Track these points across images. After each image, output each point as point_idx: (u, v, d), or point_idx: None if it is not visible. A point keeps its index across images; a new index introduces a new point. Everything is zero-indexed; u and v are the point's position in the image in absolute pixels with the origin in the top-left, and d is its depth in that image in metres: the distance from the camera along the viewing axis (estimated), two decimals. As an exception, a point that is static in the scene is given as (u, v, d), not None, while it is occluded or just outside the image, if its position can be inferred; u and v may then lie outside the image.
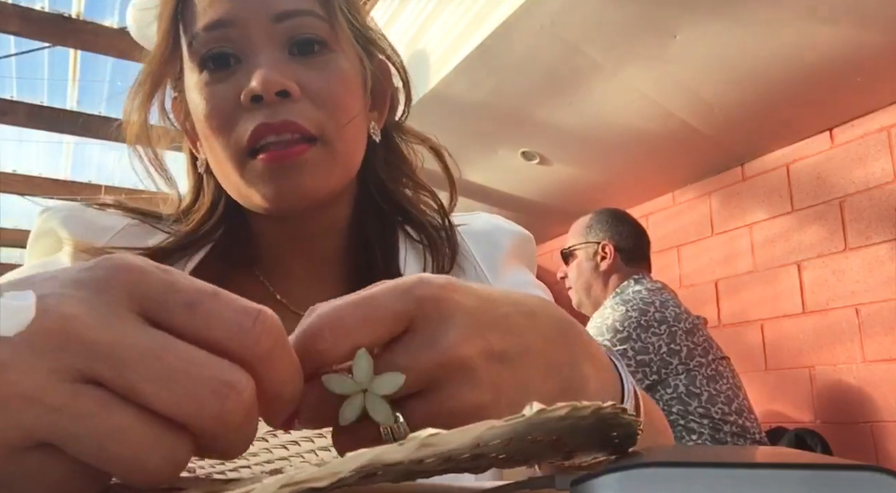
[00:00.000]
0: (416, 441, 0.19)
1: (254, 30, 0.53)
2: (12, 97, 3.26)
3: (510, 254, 0.66)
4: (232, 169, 0.54)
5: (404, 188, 0.65)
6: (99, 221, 0.59)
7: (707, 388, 1.74)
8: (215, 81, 0.54)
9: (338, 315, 0.26)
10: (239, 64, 0.54)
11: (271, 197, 0.53)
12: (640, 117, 2.29)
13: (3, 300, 0.18)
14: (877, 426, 2.13)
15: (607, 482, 0.19)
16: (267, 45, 0.53)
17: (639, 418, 0.38)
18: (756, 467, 0.19)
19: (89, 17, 2.75)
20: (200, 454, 0.24)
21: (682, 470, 0.19)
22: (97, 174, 4.17)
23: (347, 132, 0.55)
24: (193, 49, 0.55)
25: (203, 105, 0.54)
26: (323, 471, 0.18)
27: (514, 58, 2.04)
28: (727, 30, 1.81)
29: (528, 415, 0.21)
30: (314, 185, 0.53)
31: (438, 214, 0.65)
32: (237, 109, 0.53)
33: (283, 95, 0.52)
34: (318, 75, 0.54)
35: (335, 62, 0.56)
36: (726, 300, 2.65)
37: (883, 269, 2.14)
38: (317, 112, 0.53)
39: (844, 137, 2.28)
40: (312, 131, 0.53)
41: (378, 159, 0.63)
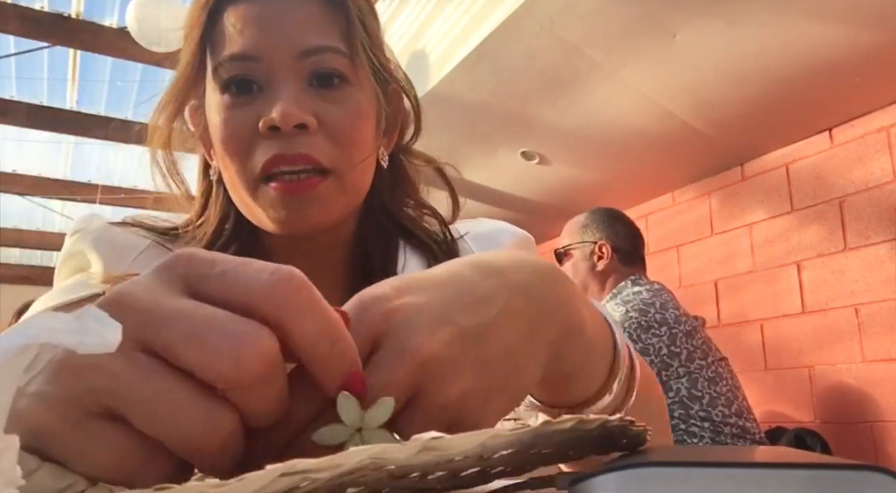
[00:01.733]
0: (420, 443, 0.19)
1: (278, 64, 0.55)
2: (12, 97, 3.26)
3: None
4: (244, 191, 0.56)
5: (406, 208, 0.67)
6: (123, 241, 0.61)
7: (708, 390, 1.73)
8: (236, 106, 0.56)
9: None
10: (260, 92, 0.55)
11: (280, 223, 0.55)
12: (640, 117, 2.29)
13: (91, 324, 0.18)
14: (876, 425, 2.13)
15: (606, 481, 0.19)
16: (290, 78, 0.55)
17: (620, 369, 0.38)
18: (755, 466, 0.18)
19: (89, 17, 2.75)
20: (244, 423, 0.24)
21: (681, 470, 0.18)
22: (96, 174, 4.17)
23: (359, 167, 0.57)
24: (218, 73, 0.56)
25: (222, 127, 0.56)
26: (324, 462, 0.18)
27: (514, 58, 2.04)
28: (727, 30, 1.81)
29: (534, 426, 0.21)
30: (322, 216, 0.55)
31: (440, 230, 0.67)
32: (254, 136, 0.54)
33: (301, 127, 0.53)
34: (335, 109, 0.56)
35: (353, 96, 0.57)
36: (726, 300, 2.65)
37: (882, 269, 2.14)
38: (331, 146, 0.55)
39: (844, 136, 2.29)
40: (325, 165, 0.54)
41: (384, 182, 0.65)
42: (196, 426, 0.22)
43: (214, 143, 0.58)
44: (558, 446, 0.24)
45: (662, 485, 0.18)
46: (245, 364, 0.22)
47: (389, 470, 0.20)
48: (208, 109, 0.59)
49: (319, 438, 0.26)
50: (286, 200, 0.54)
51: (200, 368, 0.22)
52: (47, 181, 4.13)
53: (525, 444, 0.22)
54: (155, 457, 0.23)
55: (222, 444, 0.23)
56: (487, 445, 0.20)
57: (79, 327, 0.17)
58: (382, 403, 0.26)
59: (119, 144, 3.53)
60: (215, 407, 0.23)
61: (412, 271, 0.63)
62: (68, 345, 0.17)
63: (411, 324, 0.27)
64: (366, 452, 0.18)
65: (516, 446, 0.22)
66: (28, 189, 4.13)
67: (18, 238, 5.02)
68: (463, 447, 0.20)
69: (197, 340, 0.22)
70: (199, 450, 0.23)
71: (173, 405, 0.22)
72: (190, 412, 0.22)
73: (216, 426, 0.23)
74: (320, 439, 0.26)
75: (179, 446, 0.23)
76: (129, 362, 0.22)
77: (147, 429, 0.23)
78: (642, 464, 0.19)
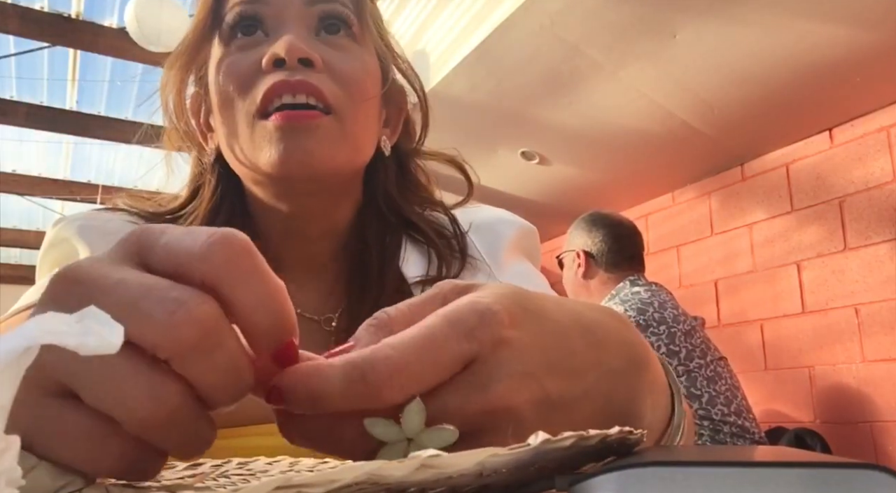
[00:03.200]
0: (418, 460, 0.19)
1: (286, 10, 0.55)
2: (12, 97, 3.26)
3: (512, 245, 0.66)
4: (242, 132, 0.54)
5: (413, 205, 0.65)
6: (110, 227, 0.59)
7: (707, 389, 1.74)
8: (241, 49, 0.55)
9: (405, 362, 0.24)
10: (266, 38, 0.56)
11: (277, 158, 0.52)
12: (640, 117, 2.29)
13: (93, 325, 0.18)
14: (876, 425, 2.13)
15: (605, 481, 0.19)
16: (297, 22, 0.55)
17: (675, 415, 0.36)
18: (754, 466, 0.19)
19: (89, 17, 2.75)
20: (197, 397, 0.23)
21: (681, 470, 0.18)
22: (96, 174, 4.17)
23: (360, 113, 0.56)
24: (226, 22, 0.56)
25: (225, 71, 0.55)
26: (320, 477, 0.18)
27: (514, 58, 2.04)
28: (727, 30, 1.81)
29: (534, 445, 0.20)
30: (321, 153, 0.52)
31: (450, 226, 0.65)
32: (257, 74, 0.53)
33: (306, 63, 0.53)
34: (340, 55, 0.56)
35: (358, 52, 0.58)
36: (726, 300, 2.65)
37: (882, 269, 2.14)
38: (335, 86, 0.54)
39: (844, 136, 2.29)
40: (329, 101, 0.53)
41: (389, 177, 0.63)
42: (140, 400, 0.22)
43: (214, 97, 0.56)
44: (556, 461, 0.24)
45: (662, 485, 0.18)
46: (179, 331, 0.22)
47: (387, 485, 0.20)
48: (211, 70, 0.57)
49: (371, 425, 0.25)
50: (285, 131, 0.51)
51: (136, 336, 0.21)
52: (47, 181, 4.13)
53: (524, 462, 0.22)
54: (110, 437, 0.22)
55: (169, 418, 0.22)
56: (486, 464, 0.20)
57: (80, 328, 0.17)
58: (445, 433, 0.25)
59: (119, 144, 3.53)
60: (158, 379, 0.22)
61: (413, 266, 0.61)
62: (70, 346, 0.17)
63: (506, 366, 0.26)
64: (362, 468, 0.18)
65: (515, 464, 0.22)
66: (28, 189, 4.13)
67: (18, 238, 5.02)
68: (461, 466, 0.19)
69: (131, 307, 0.22)
70: (146, 425, 0.22)
71: (118, 380, 0.22)
72: (133, 385, 0.22)
73: (160, 398, 0.22)
74: (371, 427, 0.25)
75: (127, 421, 0.22)
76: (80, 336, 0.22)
77: (97, 405, 0.22)
78: (642, 464, 0.19)
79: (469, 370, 0.26)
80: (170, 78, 0.61)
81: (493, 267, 0.63)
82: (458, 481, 0.21)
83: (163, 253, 0.24)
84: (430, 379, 0.25)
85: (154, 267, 0.24)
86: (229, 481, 0.36)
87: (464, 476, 0.21)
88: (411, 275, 0.60)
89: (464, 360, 0.25)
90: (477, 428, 0.26)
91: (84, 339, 0.17)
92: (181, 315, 0.22)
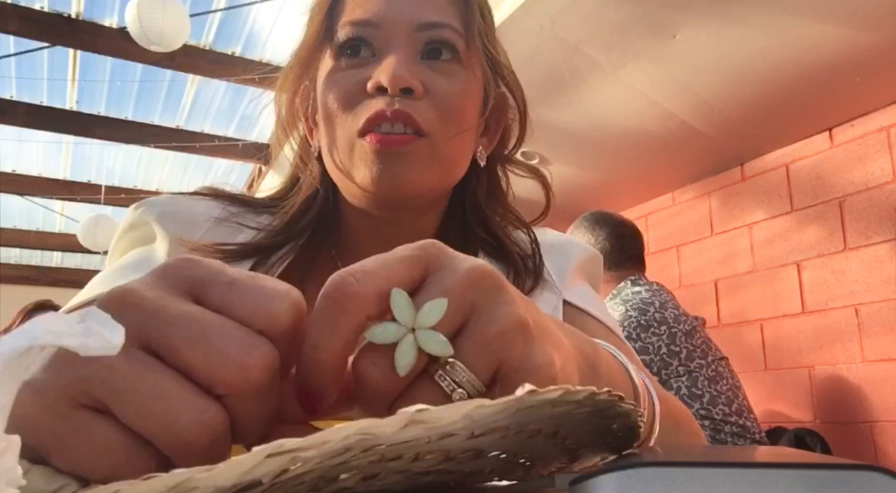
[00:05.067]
0: (406, 416, 0.19)
1: (395, 34, 0.57)
2: (12, 97, 3.26)
3: (578, 267, 0.68)
4: (342, 147, 0.57)
5: (495, 215, 0.67)
6: (190, 214, 0.60)
7: (708, 389, 1.73)
8: (348, 68, 0.57)
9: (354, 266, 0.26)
10: (373, 58, 0.57)
11: (371, 179, 0.54)
12: (640, 117, 2.29)
13: (95, 327, 0.18)
14: (876, 425, 2.13)
15: (605, 481, 0.19)
16: (404, 46, 0.56)
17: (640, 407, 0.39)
18: (755, 466, 0.19)
19: (89, 17, 2.75)
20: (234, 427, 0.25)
21: (681, 470, 0.19)
22: (96, 174, 4.17)
23: (455, 139, 0.57)
24: (336, 39, 0.58)
25: (332, 86, 0.57)
26: (310, 440, 0.18)
27: (514, 58, 2.03)
28: (727, 30, 1.81)
29: (520, 394, 0.20)
30: (411, 177, 0.55)
31: (528, 243, 0.67)
32: (362, 95, 0.56)
33: (407, 92, 0.55)
34: (443, 80, 0.57)
35: (462, 75, 0.58)
36: (726, 300, 2.65)
37: (882, 269, 2.14)
38: (432, 113, 0.56)
39: (844, 136, 2.29)
40: (423, 127, 0.55)
41: (480, 184, 0.65)
42: (188, 425, 0.22)
43: (321, 107, 0.58)
44: (547, 422, 0.24)
45: (662, 485, 0.18)
46: (251, 373, 0.23)
47: (381, 451, 0.20)
48: (320, 79, 0.59)
49: (372, 335, 0.25)
50: (380, 153, 0.54)
51: (205, 370, 0.23)
52: (47, 181, 4.13)
53: (514, 417, 0.22)
54: (138, 455, 0.23)
55: (210, 443, 0.23)
56: (474, 416, 0.20)
57: (82, 329, 0.17)
58: (435, 303, 0.25)
59: (119, 143, 3.53)
60: (208, 406, 0.23)
61: None
62: (71, 347, 0.17)
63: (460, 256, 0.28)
64: (351, 428, 0.18)
65: (504, 417, 0.21)
66: (28, 189, 4.13)
67: (18, 238, 5.02)
68: (449, 418, 0.19)
69: (205, 343, 0.23)
70: (187, 447, 0.23)
71: (166, 401, 0.22)
72: (183, 408, 0.22)
73: (207, 423, 0.23)
74: (371, 334, 0.25)
75: (168, 441, 0.23)
76: (127, 356, 0.22)
77: (136, 423, 0.23)
78: (642, 464, 0.19)
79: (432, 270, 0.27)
80: (286, 84, 0.63)
81: (560, 285, 0.65)
82: (451, 443, 0.21)
83: (231, 295, 0.25)
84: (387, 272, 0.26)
85: (213, 304, 0.25)
86: None
87: (455, 436, 0.21)
88: None
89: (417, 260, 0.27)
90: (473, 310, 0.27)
91: (85, 340, 0.17)
92: (256, 359, 0.23)
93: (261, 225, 0.61)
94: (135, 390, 0.22)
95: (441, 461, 0.23)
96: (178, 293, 0.25)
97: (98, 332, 0.17)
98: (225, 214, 0.61)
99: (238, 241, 0.59)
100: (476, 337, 0.26)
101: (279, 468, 0.17)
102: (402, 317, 0.25)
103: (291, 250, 0.60)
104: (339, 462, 0.19)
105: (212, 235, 0.59)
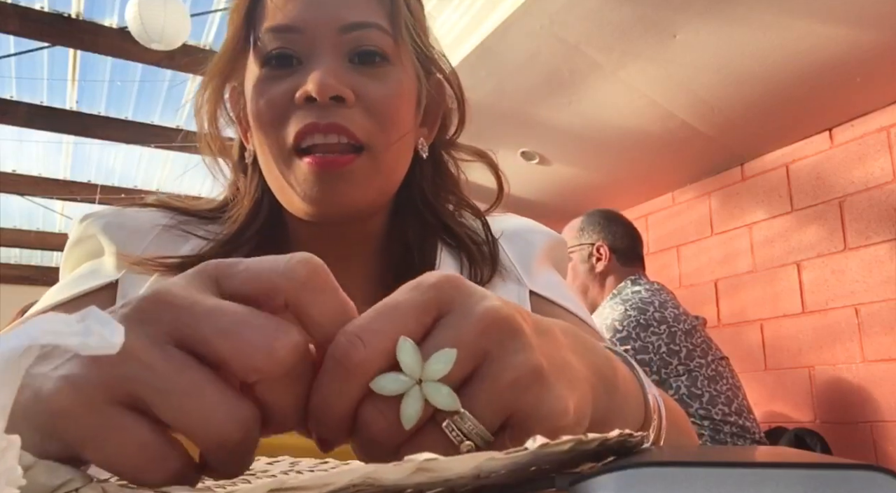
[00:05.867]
0: (413, 464, 0.19)
1: (319, 38, 0.54)
2: (12, 97, 3.26)
3: (543, 255, 0.67)
4: (277, 165, 0.55)
5: (447, 203, 0.65)
6: (135, 224, 0.60)
7: (708, 389, 1.73)
8: (274, 78, 0.55)
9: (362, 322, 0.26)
10: (300, 65, 0.55)
11: (312, 201, 0.53)
12: (640, 117, 2.29)
13: (94, 326, 0.18)
14: (876, 425, 2.13)
15: (606, 481, 0.19)
16: (330, 51, 0.54)
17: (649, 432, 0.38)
18: (755, 466, 0.19)
19: (89, 17, 2.75)
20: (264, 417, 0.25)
21: (681, 470, 0.19)
22: (96, 174, 4.17)
23: (394, 145, 0.56)
24: (258, 47, 0.56)
25: (258, 98, 0.55)
26: (315, 480, 0.18)
27: (514, 58, 2.04)
28: (727, 30, 1.81)
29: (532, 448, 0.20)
30: (355, 195, 0.54)
31: (482, 229, 0.65)
32: (290, 107, 0.53)
33: (338, 99, 0.52)
34: (374, 85, 0.55)
35: (393, 75, 0.56)
36: (726, 300, 2.65)
37: (882, 269, 2.14)
38: (368, 121, 0.54)
39: (844, 136, 2.29)
40: (360, 138, 0.53)
41: (425, 175, 0.63)
42: (224, 423, 0.23)
43: (250, 117, 0.57)
44: (554, 462, 0.24)
45: (662, 485, 0.18)
46: (277, 355, 0.24)
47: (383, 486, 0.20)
48: (247, 85, 0.57)
49: (378, 386, 0.25)
50: (319, 175, 0.52)
51: (235, 359, 0.23)
52: (47, 181, 4.13)
53: (522, 465, 0.22)
54: (167, 454, 0.23)
55: (243, 439, 0.24)
56: (483, 467, 0.20)
57: (82, 328, 0.17)
58: (444, 353, 0.25)
59: (119, 143, 3.53)
60: (241, 403, 0.24)
61: (448, 268, 0.61)
62: (71, 346, 0.17)
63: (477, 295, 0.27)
64: (357, 472, 0.18)
65: (513, 467, 0.21)
66: (28, 189, 4.13)
67: (18, 238, 5.02)
68: (458, 470, 0.19)
69: (233, 333, 0.24)
70: (220, 443, 0.23)
71: (202, 399, 0.23)
72: (217, 405, 0.23)
73: (240, 420, 0.23)
74: (379, 387, 0.25)
75: (203, 438, 0.23)
76: (165, 354, 0.23)
77: (173, 420, 0.23)
78: (642, 464, 0.19)
79: (443, 312, 0.27)
80: (206, 95, 0.61)
81: (525, 275, 0.63)
82: (456, 482, 0.21)
83: (245, 276, 0.26)
84: (395, 327, 0.26)
85: (235, 293, 0.26)
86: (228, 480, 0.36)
87: (461, 478, 0.21)
88: None
89: (428, 306, 0.26)
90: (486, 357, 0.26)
91: (85, 339, 0.17)
92: (280, 342, 0.24)
93: (209, 233, 0.60)
94: (174, 387, 0.23)
95: None
96: (207, 290, 0.26)
97: (97, 331, 0.17)
98: (172, 222, 0.60)
99: (185, 249, 0.58)
100: (487, 386, 0.25)
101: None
102: (408, 369, 0.25)
103: None
104: None
105: (158, 243, 0.59)
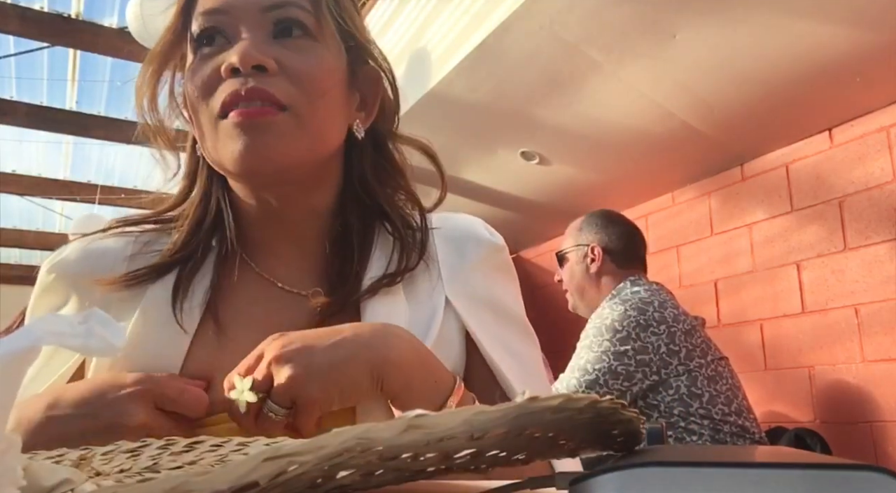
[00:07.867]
0: (404, 421, 0.19)
1: (244, 18, 0.59)
2: (12, 97, 3.26)
3: (481, 266, 0.68)
4: (209, 135, 0.59)
5: (387, 189, 0.69)
6: (102, 263, 0.64)
7: (708, 389, 1.74)
8: (204, 58, 0.60)
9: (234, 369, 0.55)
10: (227, 44, 0.60)
11: (237, 154, 0.56)
12: (640, 117, 2.29)
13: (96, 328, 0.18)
14: (876, 425, 2.13)
15: (606, 481, 0.19)
16: (254, 28, 0.59)
17: None
18: (755, 466, 0.19)
19: (88, 17, 2.75)
20: None
21: (681, 470, 0.19)
22: (96, 174, 4.17)
23: (319, 109, 0.59)
24: (192, 32, 0.61)
25: (192, 77, 0.60)
26: (308, 444, 0.18)
27: (514, 58, 2.04)
28: (727, 30, 1.81)
29: (520, 402, 0.21)
30: (278, 147, 0.57)
31: (419, 219, 0.68)
32: (218, 80, 0.58)
33: (260, 69, 0.57)
34: (297, 56, 0.59)
35: (316, 50, 0.61)
36: (725, 300, 2.65)
37: (882, 269, 2.14)
38: (290, 87, 0.58)
39: (844, 136, 2.29)
40: (282, 100, 0.57)
41: (366, 160, 0.67)
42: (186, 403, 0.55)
43: (187, 99, 0.61)
44: (548, 427, 0.24)
45: (662, 485, 0.18)
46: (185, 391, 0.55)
47: (378, 451, 0.20)
48: (186, 74, 0.62)
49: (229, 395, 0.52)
50: (243, 127, 0.56)
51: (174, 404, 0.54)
52: (47, 181, 4.13)
53: (514, 423, 0.22)
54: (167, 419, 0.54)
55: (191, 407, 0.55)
56: (473, 422, 0.20)
57: (84, 330, 0.17)
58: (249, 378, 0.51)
59: (119, 144, 3.53)
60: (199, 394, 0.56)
61: (381, 255, 0.65)
62: (73, 348, 0.17)
63: None
64: (350, 432, 0.18)
65: (504, 423, 0.21)
66: (28, 189, 4.13)
67: (18, 238, 5.02)
68: (447, 425, 0.20)
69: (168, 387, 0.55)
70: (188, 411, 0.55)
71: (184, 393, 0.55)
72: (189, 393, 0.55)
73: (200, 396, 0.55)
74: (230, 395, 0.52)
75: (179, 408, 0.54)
76: None
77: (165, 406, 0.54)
78: (642, 464, 0.19)
79: None
80: (145, 79, 0.64)
81: (447, 282, 0.65)
82: (450, 444, 0.21)
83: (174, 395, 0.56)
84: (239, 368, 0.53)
85: None
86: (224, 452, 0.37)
87: (455, 439, 0.21)
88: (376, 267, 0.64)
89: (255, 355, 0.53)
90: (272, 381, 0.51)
91: (87, 341, 0.17)
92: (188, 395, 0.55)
93: (170, 237, 0.65)
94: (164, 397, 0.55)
95: (440, 460, 0.23)
96: None
97: (99, 333, 0.17)
98: (137, 248, 0.65)
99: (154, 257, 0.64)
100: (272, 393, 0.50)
101: (276, 471, 0.17)
102: (238, 385, 0.51)
103: (207, 268, 0.63)
104: (337, 463, 0.19)
105: (131, 261, 0.64)
